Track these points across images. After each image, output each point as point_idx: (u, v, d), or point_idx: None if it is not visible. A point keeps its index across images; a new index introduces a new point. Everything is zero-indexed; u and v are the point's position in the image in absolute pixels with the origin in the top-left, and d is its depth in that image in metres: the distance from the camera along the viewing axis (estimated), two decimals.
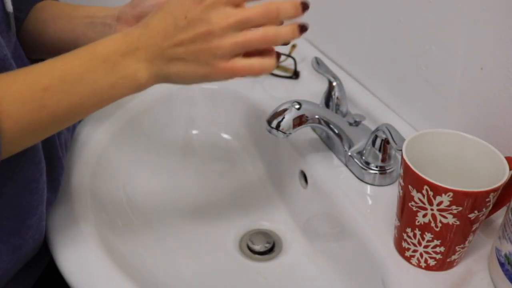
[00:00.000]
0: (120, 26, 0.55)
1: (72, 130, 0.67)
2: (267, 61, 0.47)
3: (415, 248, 0.51)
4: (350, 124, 0.65)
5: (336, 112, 0.69)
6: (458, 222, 0.47)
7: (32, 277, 0.60)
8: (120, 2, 0.58)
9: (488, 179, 0.47)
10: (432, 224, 0.48)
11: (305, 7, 0.46)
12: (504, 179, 0.46)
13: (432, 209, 0.47)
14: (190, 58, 0.44)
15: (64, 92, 0.43)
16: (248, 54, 0.46)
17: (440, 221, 0.47)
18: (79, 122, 0.71)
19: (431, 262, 0.51)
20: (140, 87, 0.46)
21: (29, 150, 0.50)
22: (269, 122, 0.60)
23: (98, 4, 0.59)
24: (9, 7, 0.48)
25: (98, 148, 0.68)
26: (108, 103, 0.46)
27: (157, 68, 0.45)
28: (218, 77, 0.46)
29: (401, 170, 0.49)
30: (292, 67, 0.83)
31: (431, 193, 0.46)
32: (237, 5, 0.44)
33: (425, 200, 0.47)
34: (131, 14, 0.55)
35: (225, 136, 0.82)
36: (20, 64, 0.51)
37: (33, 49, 0.58)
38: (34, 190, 0.51)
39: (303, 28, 0.47)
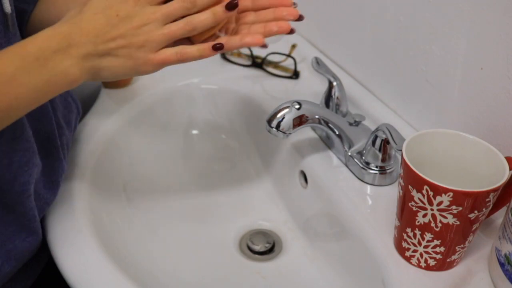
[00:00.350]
0: None
1: (73, 130, 0.66)
2: (195, 48, 0.49)
3: (415, 248, 0.51)
4: (350, 124, 0.65)
5: (336, 112, 0.69)
6: (458, 222, 0.47)
7: (31, 276, 0.60)
8: None
9: (488, 179, 0.47)
10: (432, 224, 0.48)
11: None
12: (504, 179, 0.46)
13: (432, 209, 0.47)
14: (121, 53, 0.47)
15: None
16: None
17: (440, 221, 0.47)
18: (79, 121, 0.71)
19: (431, 262, 0.51)
20: (72, 83, 0.47)
21: (12, 153, 0.50)
22: (269, 122, 0.60)
23: None
24: (7, 7, 0.48)
25: (98, 148, 0.68)
26: (44, 101, 0.47)
27: (89, 63, 0.47)
28: (148, 68, 0.49)
29: (401, 170, 0.49)
30: (292, 67, 0.83)
31: (431, 193, 0.46)
32: (159, 3, 0.48)
33: (425, 200, 0.47)
34: None
35: (225, 136, 0.82)
36: None
37: None
38: (20, 192, 0.51)
39: (228, 6, 0.49)
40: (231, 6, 0.49)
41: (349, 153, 0.64)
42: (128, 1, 0.47)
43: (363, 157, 0.62)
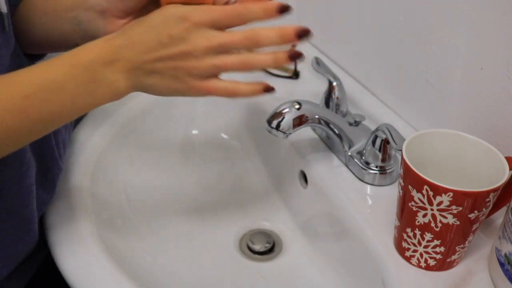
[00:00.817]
0: (109, 22, 0.51)
1: (70, 129, 0.66)
2: (245, 87, 0.47)
3: (415, 248, 0.51)
4: (350, 124, 0.65)
5: (336, 112, 0.69)
6: (458, 222, 0.47)
7: (27, 274, 0.60)
8: None
9: (488, 179, 0.47)
10: (432, 224, 0.48)
11: (299, 34, 0.45)
12: (504, 179, 0.46)
13: (432, 209, 0.47)
14: (167, 74, 0.45)
15: (44, 100, 0.43)
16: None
17: (440, 221, 0.47)
18: (78, 121, 0.71)
19: (431, 262, 0.51)
20: (118, 96, 0.46)
21: (8, 155, 0.49)
22: (269, 122, 0.60)
23: None
24: (3, 7, 0.47)
25: (98, 148, 0.68)
26: (86, 111, 0.47)
27: (135, 79, 0.46)
28: (192, 94, 0.47)
29: (401, 170, 0.49)
30: (292, 67, 0.83)
31: (431, 193, 0.46)
32: (220, 28, 0.45)
33: (425, 200, 0.47)
34: (119, 9, 0.51)
35: (225, 136, 0.82)
36: (18, 63, 0.51)
37: (26, 44, 0.55)
38: (15, 194, 0.51)
39: (291, 57, 0.46)
40: (295, 57, 0.46)
41: (349, 153, 0.64)
42: (185, 22, 0.44)
43: (363, 157, 0.62)
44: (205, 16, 0.44)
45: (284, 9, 0.45)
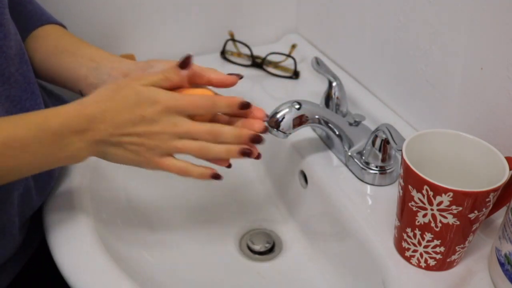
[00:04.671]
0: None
1: None
2: (197, 170, 0.51)
3: (415, 248, 0.51)
4: (350, 124, 0.65)
5: (336, 112, 0.69)
6: (458, 222, 0.47)
7: (16, 267, 0.60)
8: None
9: (488, 179, 0.47)
10: (432, 224, 0.48)
11: (252, 139, 0.51)
12: (504, 179, 0.46)
13: (432, 209, 0.47)
14: (130, 148, 0.49)
15: (6, 156, 0.44)
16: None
17: (440, 221, 0.47)
18: None
19: (431, 262, 0.51)
20: (76, 161, 0.49)
21: None
22: (269, 122, 0.60)
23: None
24: None
25: None
26: (42, 170, 0.49)
27: (98, 148, 0.49)
28: (148, 166, 0.51)
29: (401, 170, 0.49)
30: (292, 67, 0.83)
31: (431, 193, 0.46)
32: (187, 116, 0.49)
33: (425, 200, 0.47)
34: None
35: None
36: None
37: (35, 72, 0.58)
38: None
39: (242, 153, 0.51)
40: (246, 153, 0.51)
41: (349, 153, 0.64)
42: (157, 105, 0.48)
43: (363, 157, 0.62)
44: (176, 103, 0.48)
45: (244, 106, 0.51)
